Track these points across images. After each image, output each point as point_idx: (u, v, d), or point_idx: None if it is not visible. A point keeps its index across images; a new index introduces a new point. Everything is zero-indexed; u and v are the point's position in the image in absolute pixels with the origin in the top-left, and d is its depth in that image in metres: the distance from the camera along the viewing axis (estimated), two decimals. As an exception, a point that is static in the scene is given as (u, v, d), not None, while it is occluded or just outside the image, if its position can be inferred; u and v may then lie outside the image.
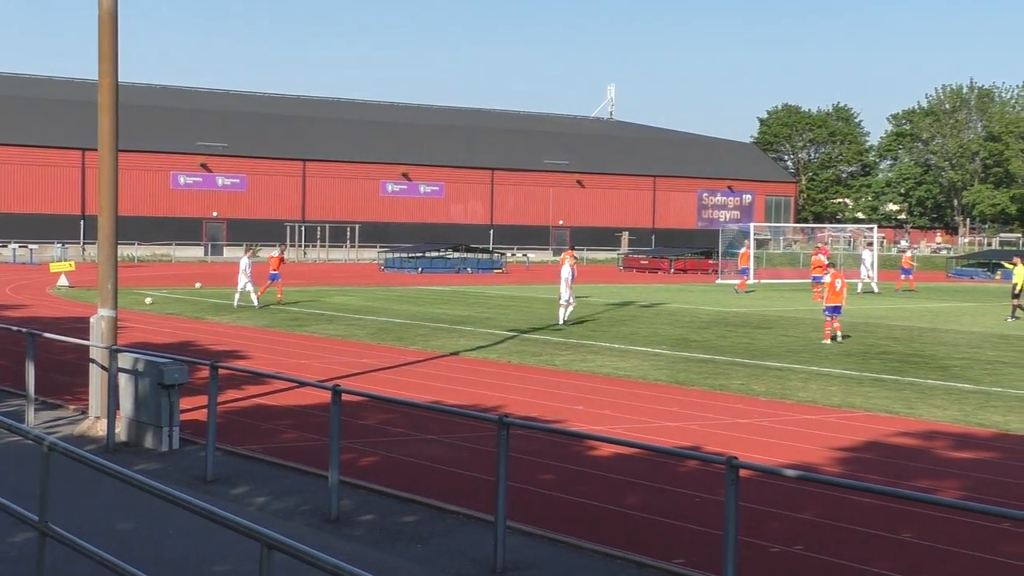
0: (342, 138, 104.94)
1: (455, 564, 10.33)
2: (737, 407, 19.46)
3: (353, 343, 29.03)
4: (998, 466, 14.97)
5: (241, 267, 40.46)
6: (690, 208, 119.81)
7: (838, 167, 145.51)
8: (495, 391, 20.69)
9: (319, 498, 12.34)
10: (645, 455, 14.30)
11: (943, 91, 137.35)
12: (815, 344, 29.67)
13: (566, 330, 32.59)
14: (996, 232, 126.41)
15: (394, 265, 76.82)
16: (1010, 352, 28.64)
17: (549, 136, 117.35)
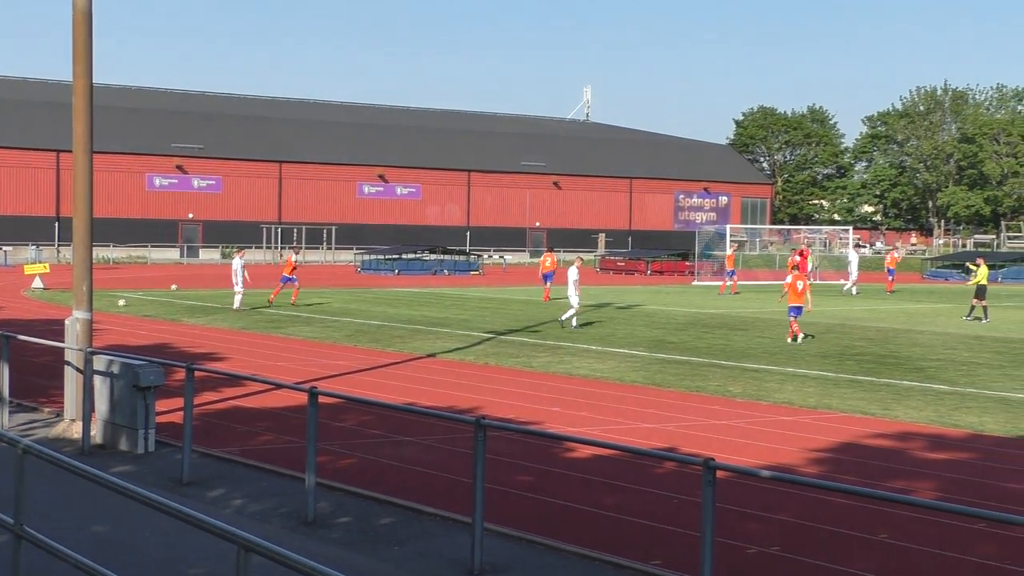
0: (318, 140, 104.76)
1: (432, 566, 10.31)
2: (714, 408, 19.50)
3: (330, 345, 28.98)
4: (973, 467, 15.04)
5: (234, 268, 40.26)
6: (667, 210, 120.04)
7: (814, 169, 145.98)
8: (472, 393, 20.68)
9: (296, 500, 12.31)
10: (622, 456, 14.31)
11: (917, 93, 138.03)
12: (791, 345, 29.75)
13: (543, 331, 32.59)
14: (971, 234, 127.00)
15: (371, 267, 76.72)
16: (984, 353, 28.77)
17: (526, 138, 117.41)
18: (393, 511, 12.17)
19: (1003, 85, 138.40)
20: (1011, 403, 20.41)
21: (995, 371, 25.11)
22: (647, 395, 20.92)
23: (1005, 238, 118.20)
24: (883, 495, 9.44)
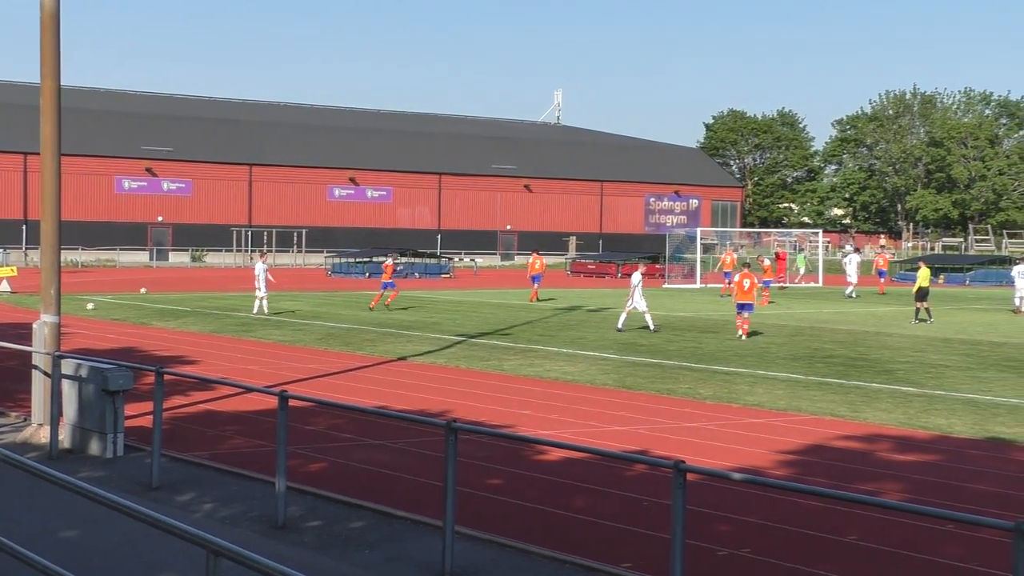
0: (289, 142, 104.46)
1: (403, 570, 10.30)
2: (684, 411, 19.54)
3: (300, 348, 28.91)
4: (941, 468, 15.12)
5: (256, 273, 39.75)
6: (637, 213, 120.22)
7: (783, 172, 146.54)
8: (443, 396, 20.66)
9: (266, 504, 12.27)
10: (593, 459, 14.32)
11: (887, 97, 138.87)
12: (761, 348, 29.86)
13: (514, 334, 32.60)
14: (939, 237, 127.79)
15: (341, 270, 76.58)
16: (953, 356, 28.94)
17: (496, 141, 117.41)
18: (364, 515, 12.14)
19: (971, 89, 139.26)
20: (979, 405, 20.53)
21: (963, 373, 25.26)
22: (618, 398, 20.95)
23: (972, 241, 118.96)
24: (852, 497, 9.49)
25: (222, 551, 5.91)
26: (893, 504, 10.80)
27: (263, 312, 38.43)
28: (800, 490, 11.70)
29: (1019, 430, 17.93)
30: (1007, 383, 23.69)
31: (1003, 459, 15.78)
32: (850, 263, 58.82)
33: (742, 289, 33.28)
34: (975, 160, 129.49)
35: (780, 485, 10.88)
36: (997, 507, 12.64)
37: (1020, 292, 47.05)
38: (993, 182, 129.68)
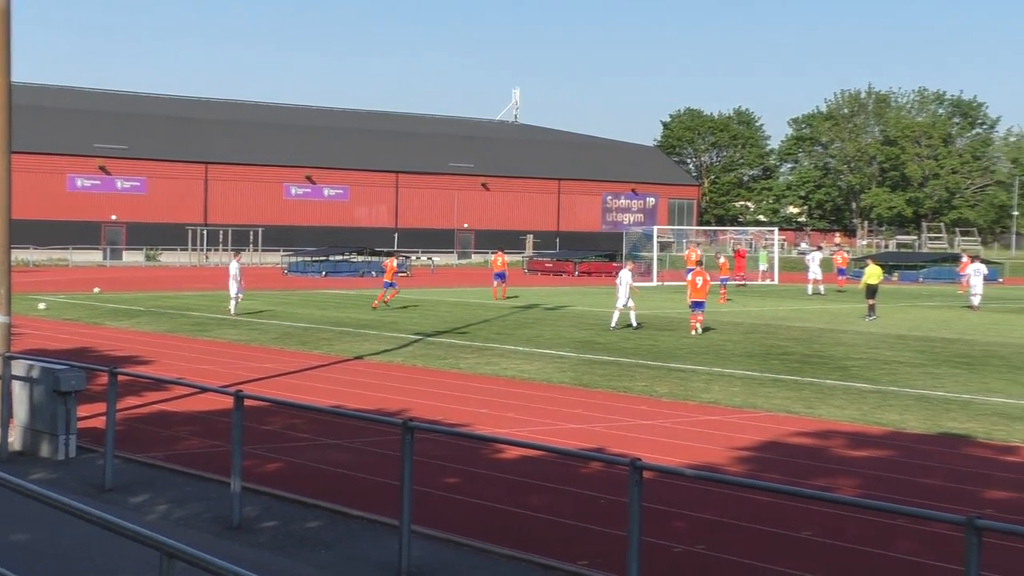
0: (245, 141, 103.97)
1: (360, 569, 10.27)
2: (641, 408, 19.60)
3: (256, 348, 28.78)
4: (895, 464, 15.24)
5: (231, 273, 39.38)
6: (594, 211, 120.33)
7: (740, 170, 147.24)
8: (400, 395, 20.63)
9: (221, 505, 12.21)
10: (550, 457, 14.34)
11: (842, 96, 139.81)
12: (717, 345, 29.99)
13: (471, 333, 32.59)
14: (893, 235, 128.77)
15: (298, 269, 76.30)
16: (906, 352, 29.17)
17: (454, 139, 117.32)
18: (320, 514, 12.10)
19: (924, 88, 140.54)
20: (931, 401, 20.71)
21: (916, 369, 25.47)
22: (574, 396, 20.98)
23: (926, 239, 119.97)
24: (807, 493, 9.55)
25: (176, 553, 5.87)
26: (847, 500, 10.87)
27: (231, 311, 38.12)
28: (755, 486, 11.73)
29: (971, 425, 18.10)
30: (959, 379, 23.90)
31: (955, 454, 15.92)
32: (813, 260, 59.39)
33: (695, 287, 33.76)
34: (929, 159, 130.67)
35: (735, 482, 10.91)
36: (949, 502, 12.75)
37: (975, 289, 47.68)
38: (946, 180, 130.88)
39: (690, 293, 33.93)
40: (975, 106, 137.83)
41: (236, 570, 5.53)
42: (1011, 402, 20.66)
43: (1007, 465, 15.23)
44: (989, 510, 12.36)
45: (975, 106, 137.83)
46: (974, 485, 13.99)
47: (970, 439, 17.06)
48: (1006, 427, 17.99)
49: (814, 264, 58.76)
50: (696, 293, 33.65)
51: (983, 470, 14.89)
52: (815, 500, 11.87)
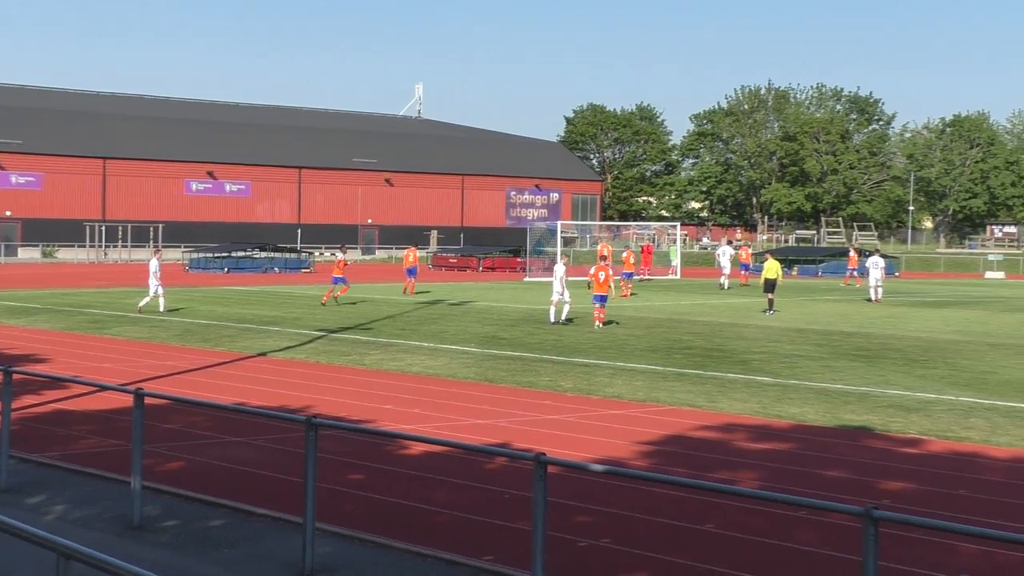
0: (144, 135, 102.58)
1: (264, 568, 10.18)
2: (545, 403, 19.66)
3: (157, 345, 28.42)
4: (795, 456, 15.44)
5: (151, 270, 38.51)
6: (498, 206, 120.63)
7: (642, 166, 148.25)
8: (304, 392, 20.49)
9: (121, 505, 12.02)
10: (454, 453, 14.33)
11: (742, 92, 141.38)
12: (620, 340, 30.18)
13: (375, 329, 32.47)
14: (792, 229, 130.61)
15: (199, 265, 75.52)
16: (805, 346, 29.58)
17: (357, 134, 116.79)
18: (223, 513, 11.97)
19: (823, 85, 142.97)
20: (830, 394, 21.03)
21: (815, 363, 25.85)
22: (479, 391, 21.00)
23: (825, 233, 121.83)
24: (710, 486, 9.66)
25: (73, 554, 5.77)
26: (749, 492, 10.98)
27: (159, 308, 37.35)
28: (659, 480, 11.85)
29: (869, 417, 18.41)
30: (857, 372, 24.30)
31: (853, 446, 16.17)
32: (723, 255, 60.26)
33: (597, 281, 34.35)
34: (827, 154, 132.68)
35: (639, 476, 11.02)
36: (848, 493, 12.94)
37: (874, 282, 48.77)
38: (844, 176, 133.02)
39: (593, 287, 34.46)
40: (871, 102, 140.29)
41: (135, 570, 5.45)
42: (907, 394, 21.05)
43: (904, 456, 15.51)
44: (886, 501, 12.59)
45: (871, 102, 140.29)
46: (872, 476, 14.23)
47: (868, 431, 17.36)
48: (902, 419, 18.33)
49: (724, 259, 59.62)
50: (599, 287, 34.22)
51: (881, 461, 15.15)
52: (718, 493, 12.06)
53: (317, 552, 10.08)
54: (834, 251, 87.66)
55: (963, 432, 17.19)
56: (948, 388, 21.92)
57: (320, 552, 10.20)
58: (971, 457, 15.49)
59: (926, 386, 22.16)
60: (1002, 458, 15.48)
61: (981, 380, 23.26)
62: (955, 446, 16.21)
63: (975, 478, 14.19)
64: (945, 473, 14.43)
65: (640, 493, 12.78)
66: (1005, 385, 22.52)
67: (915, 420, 18.21)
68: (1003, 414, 18.93)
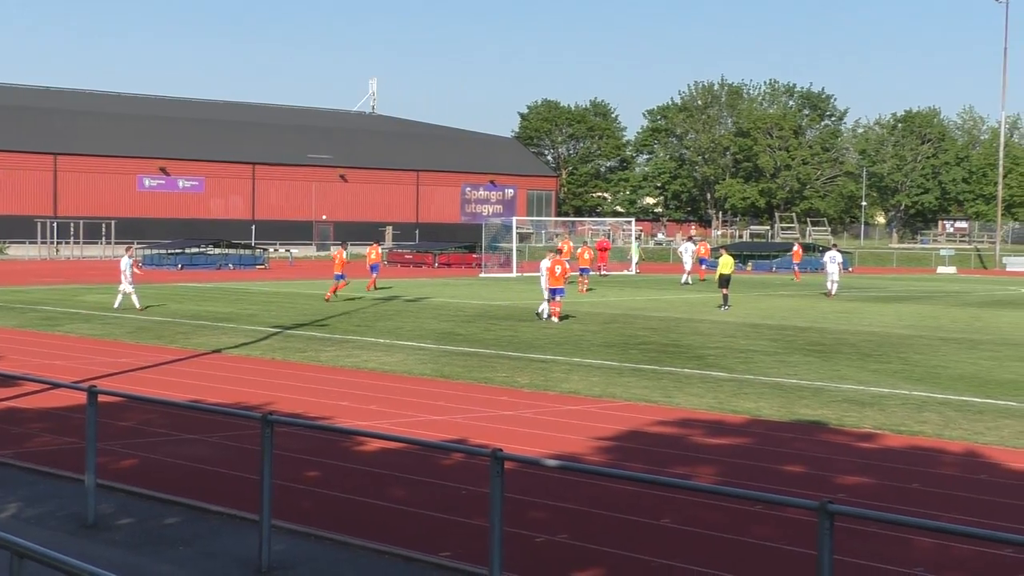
0: (96, 131, 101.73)
1: (220, 566, 10.13)
2: (502, 399, 19.66)
3: (111, 342, 28.21)
4: (751, 451, 15.52)
5: (122, 268, 38.08)
6: (453, 202, 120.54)
7: (597, 161, 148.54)
8: (259, 388, 20.40)
9: (75, 503, 11.93)
10: (411, 449, 14.31)
11: (695, 88, 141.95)
12: (577, 335, 30.24)
13: (331, 325, 32.36)
14: (747, 225, 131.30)
15: (152, 262, 75.00)
16: (761, 341, 29.74)
17: (311, 130, 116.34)
18: (178, 511, 11.90)
19: (775, 81, 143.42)
20: (785, 388, 21.15)
21: (770, 358, 25.99)
22: (436, 387, 20.97)
23: (779, 229, 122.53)
24: (666, 481, 9.68)
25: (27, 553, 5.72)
26: (705, 487, 11.04)
27: (134, 306, 36.99)
28: (615, 475, 11.88)
29: (823, 412, 18.53)
30: (811, 366, 24.46)
31: (808, 440, 16.28)
32: (686, 251, 60.70)
33: (553, 275, 34.62)
34: (780, 150, 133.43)
35: (596, 471, 11.03)
36: (804, 487, 13.03)
37: (831, 277, 49.58)
38: (797, 171, 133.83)
39: (548, 281, 34.71)
40: (824, 98, 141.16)
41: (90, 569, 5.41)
42: (861, 388, 21.20)
43: (858, 451, 15.62)
44: (841, 495, 12.68)
45: (824, 98, 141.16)
46: (827, 471, 14.32)
47: (823, 425, 17.47)
48: (857, 413, 18.46)
49: (686, 255, 60.04)
50: (554, 281, 34.58)
51: (836, 456, 15.25)
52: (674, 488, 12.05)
53: (273, 549, 10.04)
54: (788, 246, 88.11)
55: (917, 426, 17.34)
56: (901, 383, 22.10)
57: (276, 549, 10.16)
58: (925, 451, 15.62)
59: (880, 381, 22.33)
60: (955, 452, 15.62)
61: (933, 374, 23.46)
62: (909, 440, 16.35)
63: (929, 472, 14.32)
64: (899, 467, 14.55)
65: (597, 489, 12.80)
66: (957, 379, 22.73)
67: (869, 414, 18.35)
68: (955, 408, 19.11)
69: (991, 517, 11.94)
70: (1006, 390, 21.25)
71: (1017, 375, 23.50)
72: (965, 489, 13.43)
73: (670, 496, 12.31)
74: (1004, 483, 13.76)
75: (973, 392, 20.95)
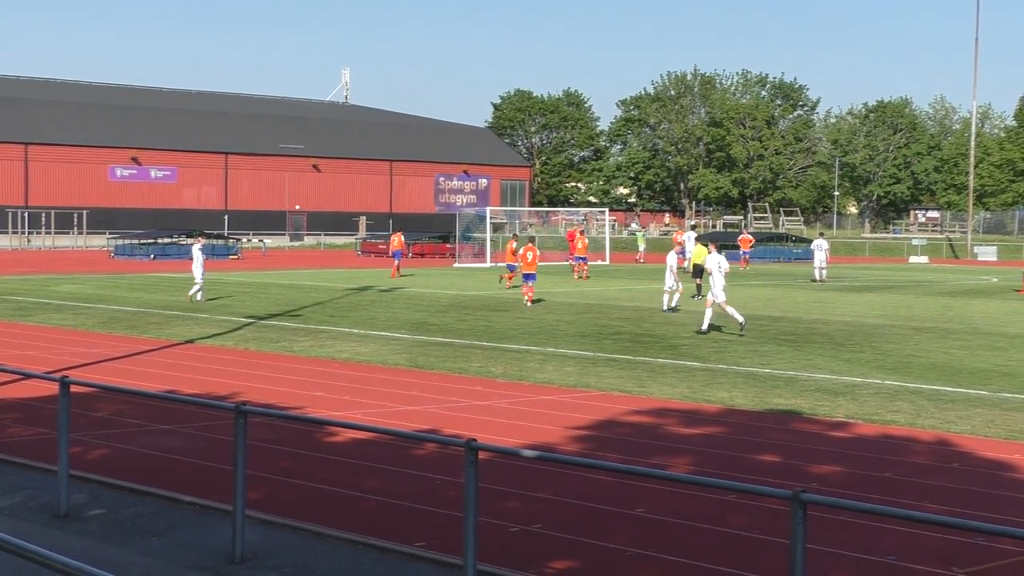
0: (68, 121, 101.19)
1: (193, 556, 10.10)
2: (476, 389, 19.65)
3: (83, 332, 28.07)
4: (725, 441, 15.55)
5: (195, 258, 37.56)
6: (427, 192, 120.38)
7: (570, 152, 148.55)
8: (233, 379, 20.34)
9: (47, 493, 11.87)
10: (385, 439, 14.28)
11: (669, 78, 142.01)
12: (551, 325, 30.25)
13: (304, 315, 32.29)
14: (720, 215, 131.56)
15: (125, 252, 74.69)
16: (734, 330, 29.78)
17: (284, 120, 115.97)
18: (151, 501, 11.86)
19: (747, 71, 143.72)
20: (759, 378, 21.21)
21: (744, 347, 26.06)
22: (410, 377, 20.95)
23: (752, 219, 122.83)
24: (641, 471, 9.69)
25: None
26: (679, 477, 11.04)
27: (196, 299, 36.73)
28: (590, 465, 11.89)
29: (797, 401, 18.59)
30: (784, 356, 24.54)
31: (782, 430, 16.32)
32: (688, 240, 61.37)
33: (526, 261, 37.52)
34: (753, 140, 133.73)
35: (570, 461, 11.05)
36: (777, 476, 13.07)
37: (818, 264, 53.01)
38: (770, 161, 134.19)
39: (522, 266, 37.53)
40: (796, 88, 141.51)
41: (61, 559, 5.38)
42: (833, 378, 21.28)
43: (831, 440, 15.68)
44: (814, 484, 12.72)
45: (796, 88, 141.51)
46: (801, 460, 14.37)
47: (796, 415, 17.52)
48: (829, 402, 18.53)
49: (688, 243, 60.54)
50: (528, 266, 37.34)
51: (809, 445, 15.31)
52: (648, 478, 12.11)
53: (247, 540, 10.01)
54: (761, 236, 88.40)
55: (889, 415, 17.41)
56: (874, 372, 22.20)
57: (249, 540, 10.13)
58: (897, 440, 15.70)
59: (852, 370, 22.42)
60: (927, 440, 15.69)
61: (906, 364, 23.57)
62: (881, 429, 16.42)
63: (901, 461, 14.38)
64: (872, 456, 14.61)
65: (571, 478, 12.81)
66: (930, 369, 22.85)
67: (842, 404, 18.42)
68: (927, 397, 19.20)
69: (963, 505, 12.01)
70: (977, 379, 21.37)
71: (988, 364, 23.63)
72: (937, 477, 13.50)
73: (644, 486, 12.33)
74: (976, 471, 13.84)
75: (945, 381, 21.06)
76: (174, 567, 9.84)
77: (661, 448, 14.93)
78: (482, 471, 8.73)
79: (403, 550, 10.20)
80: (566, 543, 10.60)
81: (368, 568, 9.81)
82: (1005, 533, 7.46)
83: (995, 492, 12.83)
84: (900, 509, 8.34)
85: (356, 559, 10.04)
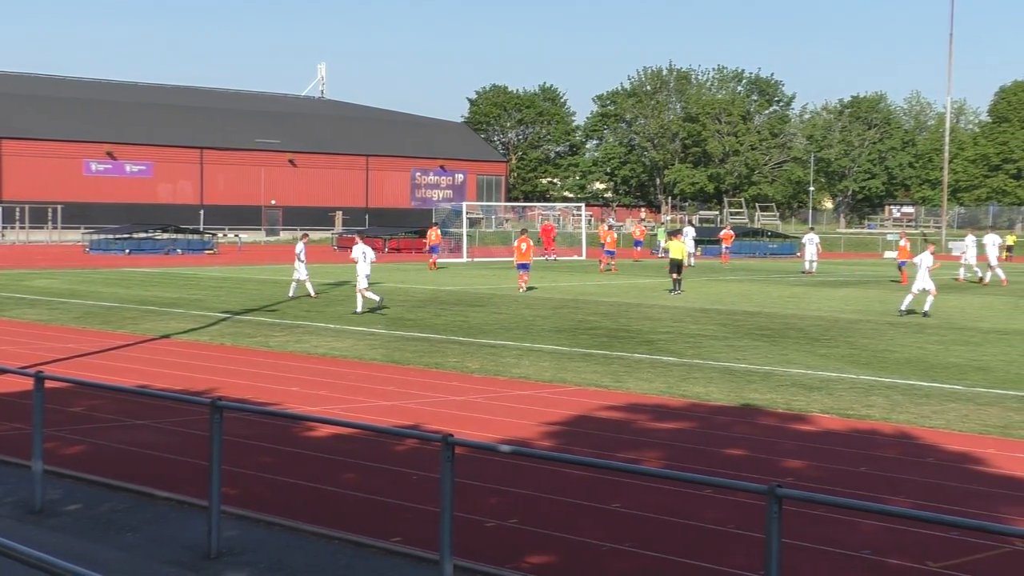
0: (42, 115, 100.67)
1: (168, 551, 10.07)
2: (452, 384, 19.65)
3: (57, 328, 27.95)
4: (700, 435, 15.59)
5: (296, 252, 37.21)
6: (403, 187, 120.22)
7: (546, 147, 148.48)
8: (208, 374, 20.29)
9: (22, 489, 11.83)
10: (362, 435, 14.28)
11: (644, 73, 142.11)
12: (527, 321, 30.26)
13: (280, 311, 32.22)
14: (696, 210, 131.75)
15: (100, 247, 74.36)
16: (710, 326, 29.87)
17: (260, 114, 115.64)
18: (126, 497, 11.83)
19: (723, 67, 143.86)
20: (734, 373, 21.26)
21: (719, 342, 26.12)
22: (386, 373, 20.93)
23: (728, 214, 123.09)
24: (616, 465, 9.72)
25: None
26: (655, 471, 11.06)
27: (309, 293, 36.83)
28: (565, 460, 11.88)
29: (772, 396, 18.65)
30: (760, 351, 24.60)
31: (757, 425, 16.38)
32: (687, 236, 62.21)
33: (520, 251, 40.61)
34: (729, 135, 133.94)
35: (546, 456, 11.04)
36: (752, 471, 13.11)
37: (809, 257, 55.83)
38: (746, 157, 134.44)
39: (516, 257, 40.97)
40: (772, 84, 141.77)
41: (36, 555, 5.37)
42: (808, 373, 21.35)
43: (806, 435, 15.74)
44: (790, 478, 12.77)
45: (772, 84, 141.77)
46: (775, 455, 14.42)
47: (771, 410, 17.58)
48: (804, 397, 18.59)
49: (688, 239, 61.34)
50: (521, 256, 40.63)
51: (784, 440, 15.36)
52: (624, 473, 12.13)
53: (222, 535, 10.00)
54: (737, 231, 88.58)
55: (864, 410, 17.48)
56: (849, 367, 22.28)
57: (225, 535, 10.11)
58: (872, 435, 15.76)
59: (827, 365, 22.50)
60: (902, 435, 15.76)
61: (880, 359, 23.67)
62: (856, 424, 16.48)
63: (876, 456, 14.44)
64: (847, 451, 14.67)
65: (547, 473, 12.83)
66: (904, 364, 22.94)
67: (817, 398, 18.48)
68: (902, 392, 19.29)
69: (937, 500, 12.08)
70: (951, 374, 21.47)
71: (962, 359, 23.75)
72: (912, 472, 13.57)
73: (621, 480, 12.35)
74: (950, 466, 13.91)
75: (919, 376, 21.15)
76: (149, 562, 9.82)
77: (637, 443, 14.96)
78: (459, 466, 8.73)
79: (379, 545, 10.21)
80: (542, 538, 10.62)
81: (344, 564, 9.81)
82: (979, 527, 7.52)
83: (969, 486, 12.90)
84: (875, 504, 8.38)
85: (332, 554, 10.04)
